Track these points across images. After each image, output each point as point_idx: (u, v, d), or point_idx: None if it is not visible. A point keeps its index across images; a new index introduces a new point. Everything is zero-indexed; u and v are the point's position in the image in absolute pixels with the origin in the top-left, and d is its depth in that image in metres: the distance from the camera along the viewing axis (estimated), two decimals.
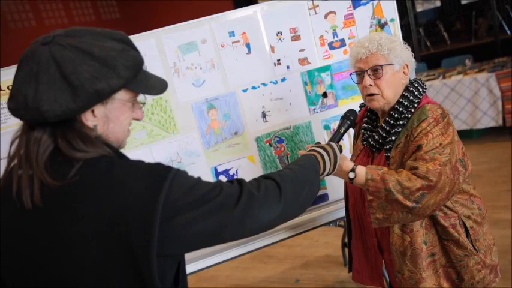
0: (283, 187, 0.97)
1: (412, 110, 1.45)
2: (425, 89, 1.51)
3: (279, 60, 2.08)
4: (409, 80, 1.52)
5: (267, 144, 2.11)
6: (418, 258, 1.45)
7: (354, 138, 1.74)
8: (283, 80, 2.10)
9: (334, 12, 2.10)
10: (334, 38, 2.12)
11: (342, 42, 2.13)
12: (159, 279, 0.83)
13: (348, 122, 1.48)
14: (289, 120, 2.13)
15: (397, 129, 1.44)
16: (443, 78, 4.96)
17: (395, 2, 2.16)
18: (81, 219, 0.80)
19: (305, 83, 2.12)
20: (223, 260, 2.12)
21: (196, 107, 2.01)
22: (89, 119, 0.85)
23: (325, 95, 2.15)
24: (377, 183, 1.33)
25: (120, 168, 0.84)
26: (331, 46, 2.13)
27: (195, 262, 2.07)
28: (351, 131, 1.84)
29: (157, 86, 0.92)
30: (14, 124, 1.83)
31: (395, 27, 2.16)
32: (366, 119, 1.60)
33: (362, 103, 1.71)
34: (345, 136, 1.88)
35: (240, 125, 2.07)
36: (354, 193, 1.63)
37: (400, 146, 1.42)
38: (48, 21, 6.58)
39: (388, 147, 1.45)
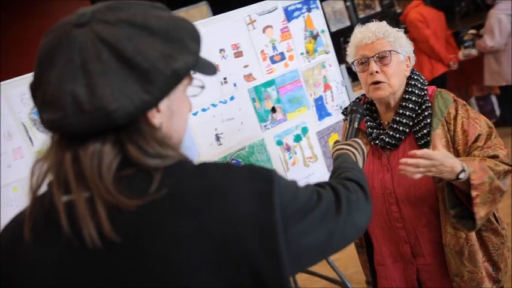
0: (364, 186, 0.85)
1: (426, 98, 1.38)
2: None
3: (225, 78, 1.97)
4: None
5: None
6: (476, 256, 1.36)
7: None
8: (232, 98, 1.99)
9: (271, 26, 2.08)
10: (274, 51, 2.09)
11: (282, 56, 2.11)
12: None
13: (358, 115, 1.36)
14: (243, 140, 2.01)
15: (425, 122, 1.35)
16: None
17: (322, 13, 2.24)
18: (181, 243, 0.60)
19: (253, 100, 2.04)
20: None
21: None
22: (155, 116, 0.64)
23: (274, 109, 2.09)
24: (479, 174, 1.24)
25: (213, 172, 0.65)
26: (273, 60, 2.09)
27: None
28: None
29: (211, 65, 0.73)
30: None
31: (326, 38, 2.23)
32: (367, 117, 1.46)
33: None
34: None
35: (195, 151, 1.89)
36: (374, 205, 1.41)
37: (438, 137, 1.31)
38: None
39: (422, 142, 1.35)
